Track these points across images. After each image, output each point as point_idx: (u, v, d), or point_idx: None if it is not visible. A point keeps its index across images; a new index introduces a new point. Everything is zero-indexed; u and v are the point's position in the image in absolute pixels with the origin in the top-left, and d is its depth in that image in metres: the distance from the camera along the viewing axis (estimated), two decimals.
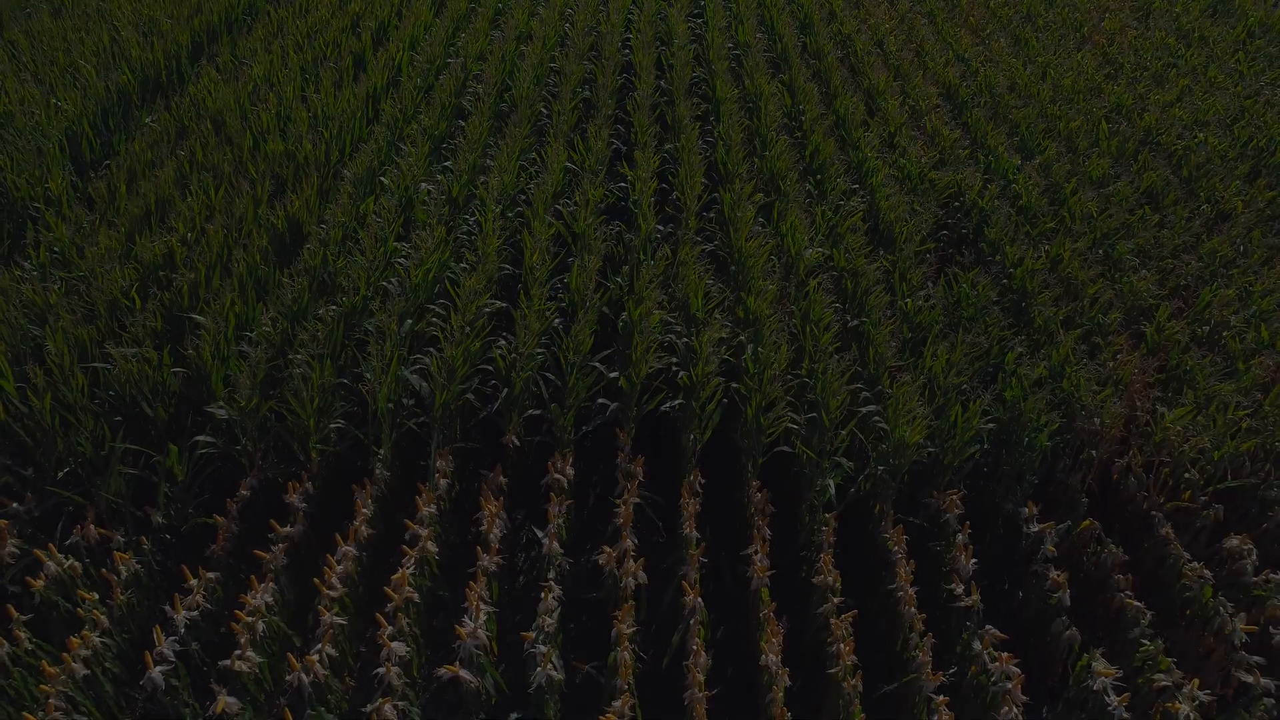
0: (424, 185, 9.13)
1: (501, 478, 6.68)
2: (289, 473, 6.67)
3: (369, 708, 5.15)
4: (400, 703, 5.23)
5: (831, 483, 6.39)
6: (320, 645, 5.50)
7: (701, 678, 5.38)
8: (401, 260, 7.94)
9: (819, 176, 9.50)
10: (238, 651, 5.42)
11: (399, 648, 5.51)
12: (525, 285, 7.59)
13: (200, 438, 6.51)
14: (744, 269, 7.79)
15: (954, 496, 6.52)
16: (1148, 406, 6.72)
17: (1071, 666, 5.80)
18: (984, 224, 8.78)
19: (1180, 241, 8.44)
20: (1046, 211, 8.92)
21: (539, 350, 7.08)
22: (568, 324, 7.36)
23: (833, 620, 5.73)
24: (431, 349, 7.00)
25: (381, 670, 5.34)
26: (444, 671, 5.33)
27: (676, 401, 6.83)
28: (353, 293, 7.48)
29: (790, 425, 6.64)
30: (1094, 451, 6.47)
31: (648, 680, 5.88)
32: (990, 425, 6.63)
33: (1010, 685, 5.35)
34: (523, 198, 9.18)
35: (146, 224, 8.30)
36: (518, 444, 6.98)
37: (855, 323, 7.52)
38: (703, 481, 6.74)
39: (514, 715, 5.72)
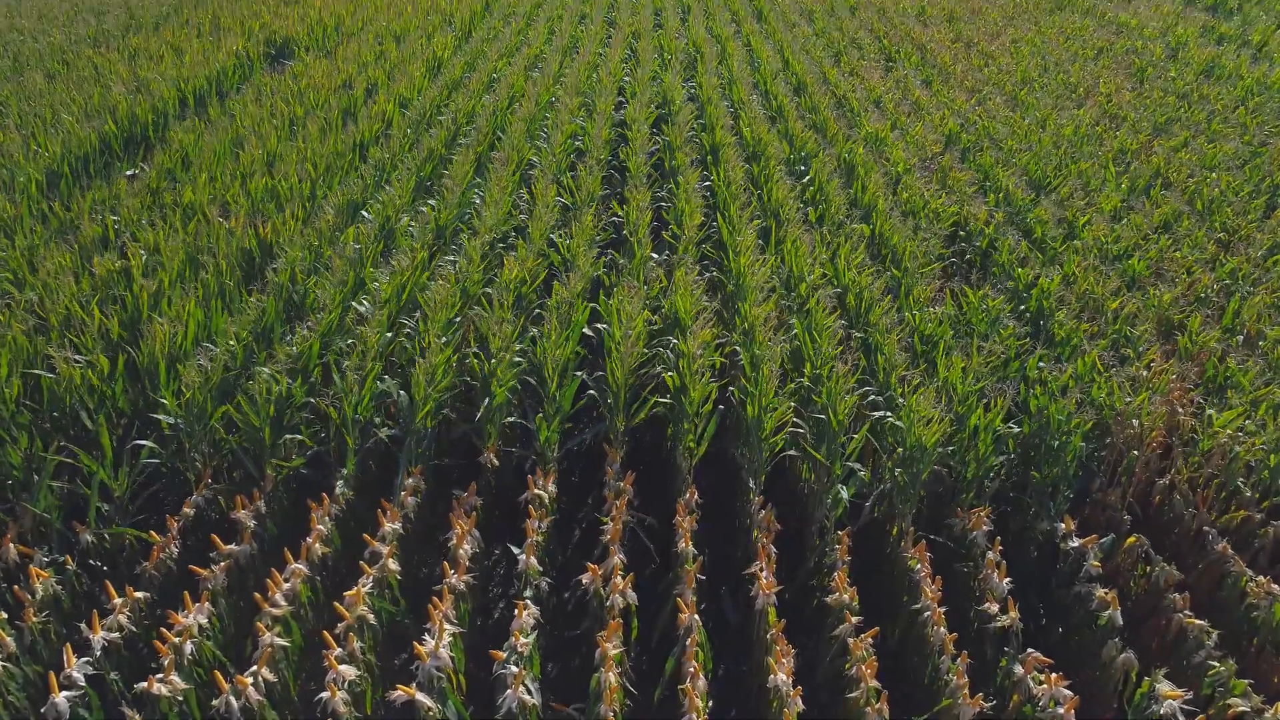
0: (404, 217, 8.74)
1: (476, 498, 6.00)
2: (242, 491, 6.00)
3: None
4: None
5: (845, 492, 5.71)
6: (256, 667, 4.73)
7: (700, 703, 4.60)
8: (375, 284, 7.47)
9: (820, 208, 9.12)
10: (159, 675, 4.65)
11: (348, 671, 4.74)
12: (499, 297, 7.07)
13: (142, 441, 5.86)
14: (741, 287, 7.30)
15: (981, 513, 5.84)
16: (1190, 412, 6.09)
17: (1127, 698, 5.02)
18: (992, 249, 8.34)
19: (1197, 258, 7.98)
20: (1058, 236, 8.50)
21: (518, 359, 6.50)
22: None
23: (851, 640, 4.98)
24: (418, 357, 6.41)
25: (325, 695, 4.56)
26: (399, 694, 4.55)
27: (665, 400, 6.22)
28: (325, 311, 6.96)
29: (795, 429, 6.01)
30: (1136, 452, 5.81)
31: None
32: (1016, 431, 6.00)
33: (1063, 711, 4.56)
34: (514, 234, 8.77)
35: (104, 247, 7.85)
36: (496, 463, 6.33)
37: (861, 334, 6.97)
38: (700, 501, 6.06)
39: None
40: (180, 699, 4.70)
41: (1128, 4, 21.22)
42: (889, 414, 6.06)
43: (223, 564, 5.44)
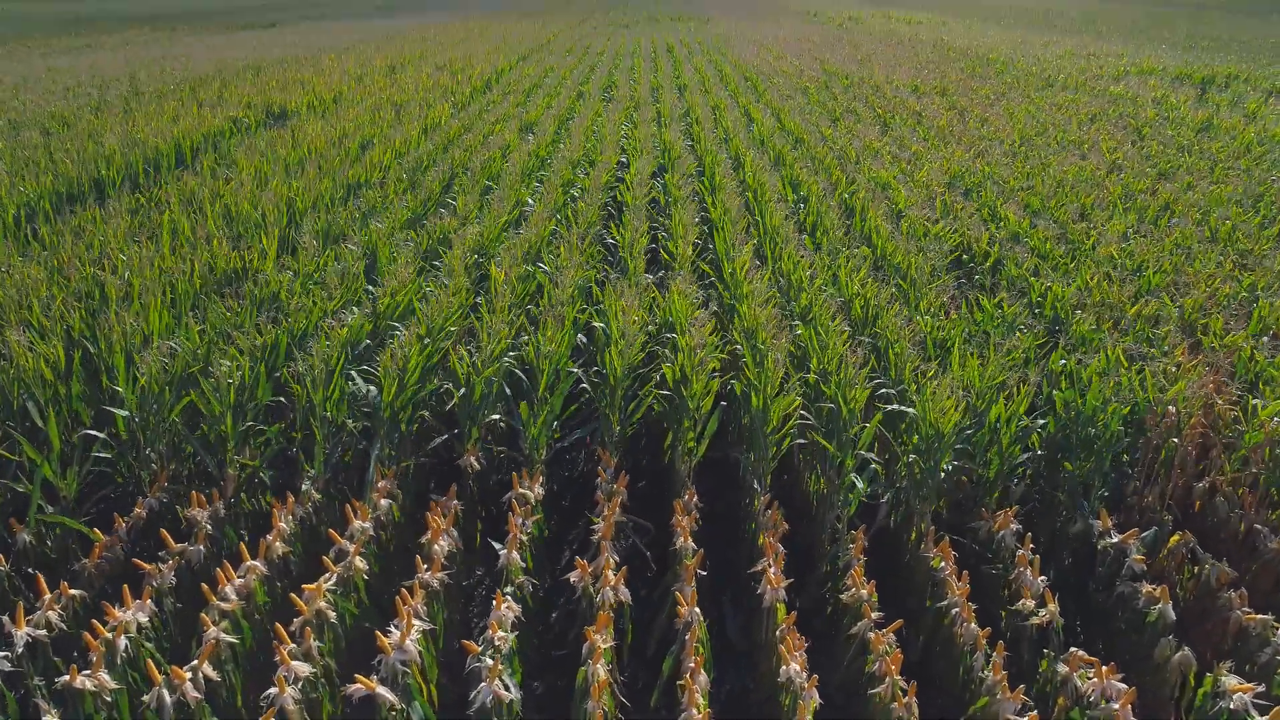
0: (390, 249, 8.46)
1: (455, 501, 5.50)
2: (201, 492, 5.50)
3: None
4: None
5: (859, 482, 5.22)
6: (197, 662, 4.16)
7: (702, 700, 4.01)
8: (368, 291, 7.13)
9: (820, 235, 8.86)
10: (86, 671, 4.08)
11: (300, 667, 4.17)
12: (490, 298, 6.70)
13: (93, 432, 5.40)
14: (738, 294, 6.95)
15: (1008, 512, 5.33)
16: (1230, 402, 5.64)
17: (1186, 706, 4.43)
18: (999, 266, 8.03)
19: (1214, 272, 7.66)
20: (1066, 253, 8.20)
21: (507, 356, 6.09)
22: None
23: (872, 635, 4.42)
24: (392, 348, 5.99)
25: (274, 691, 3.99)
26: (356, 687, 3.98)
27: (664, 392, 5.78)
28: (302, 313, 6.58)
29: (803, 420, 5.56)
30: (1175, 440, 5.33)
31: None
32: (1041, 424, 5.55)
33: (1118, 706, 3.97)
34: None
35: (82, 264, 7.53)
36: (477, 466, 5.84)
37: (869, 339, 6.57)
38: (699, 505, 5.56)
39: None
40: (109, 699, 4.11)
41: (1118, 81, 21.58)
42: (902, 407, 5.61)
43: (171, 562, 4.91)
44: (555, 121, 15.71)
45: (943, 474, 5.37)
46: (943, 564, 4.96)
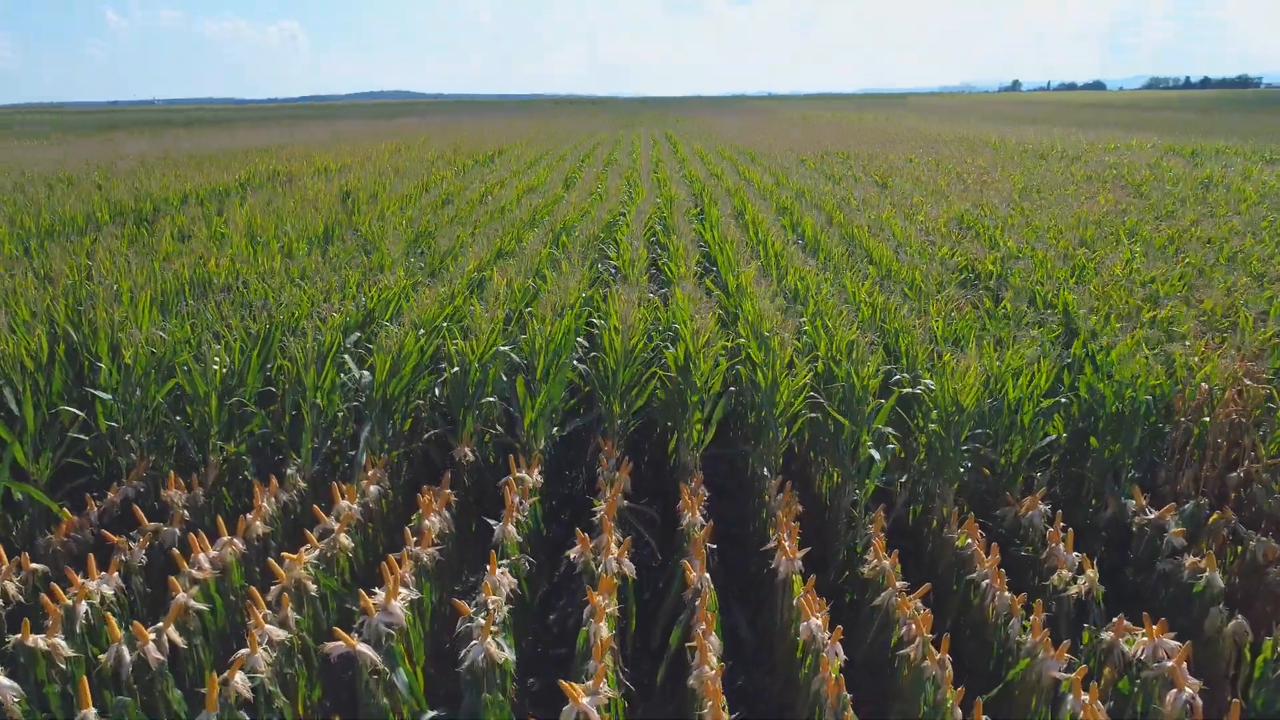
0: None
1: (449, 489, 5.19)
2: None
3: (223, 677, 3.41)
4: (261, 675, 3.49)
5: (875, 454, 4.93)
6: (162, 625, 3.81)
7: (714, 658, 3.65)
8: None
9: (822, 257, 8.75)
10: (41, 635, 3.73)
11: (275, 631, 3.82)
12: (489, 300, 6.52)
13: (69, 408, 5.13)
14: (743, 294, 6.77)
15: (1036, 495, 5.02)
16: (1264, 381, 5.39)
17: (1242, 685, 4.06)
18: (1005, 280, 7.89)
19: (1230, 284, 7.50)
20: (1072, 267, 8.07)
21: (505, 347, 5.87)
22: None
23: (897, 599, 4.07)
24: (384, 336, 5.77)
25: (244, 651, 3.63)
26: (336, 645, 3.62)
27: (668, 374, 5.52)
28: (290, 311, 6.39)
29: (812, 398, 5.30)
30: (1208, 417, 5.06)
31: None
32: (1064, 401, 5.29)
33: (1171, 664, 3.61)
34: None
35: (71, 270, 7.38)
36: (472, 456, 5.55)
37: (878, 337, 6.35)
38: (706, 495, 5.25)
39: (433, 713, 3.87)
40: (63, 665, 3.74)
41: (1110, 154, 21.93)
42: (917, 389, 5.36)
43: (143, 540, 4.59)
44: (558, 184, 15.85)
45: (964, 455, 5.08)
46: (969, 540, 4.63)
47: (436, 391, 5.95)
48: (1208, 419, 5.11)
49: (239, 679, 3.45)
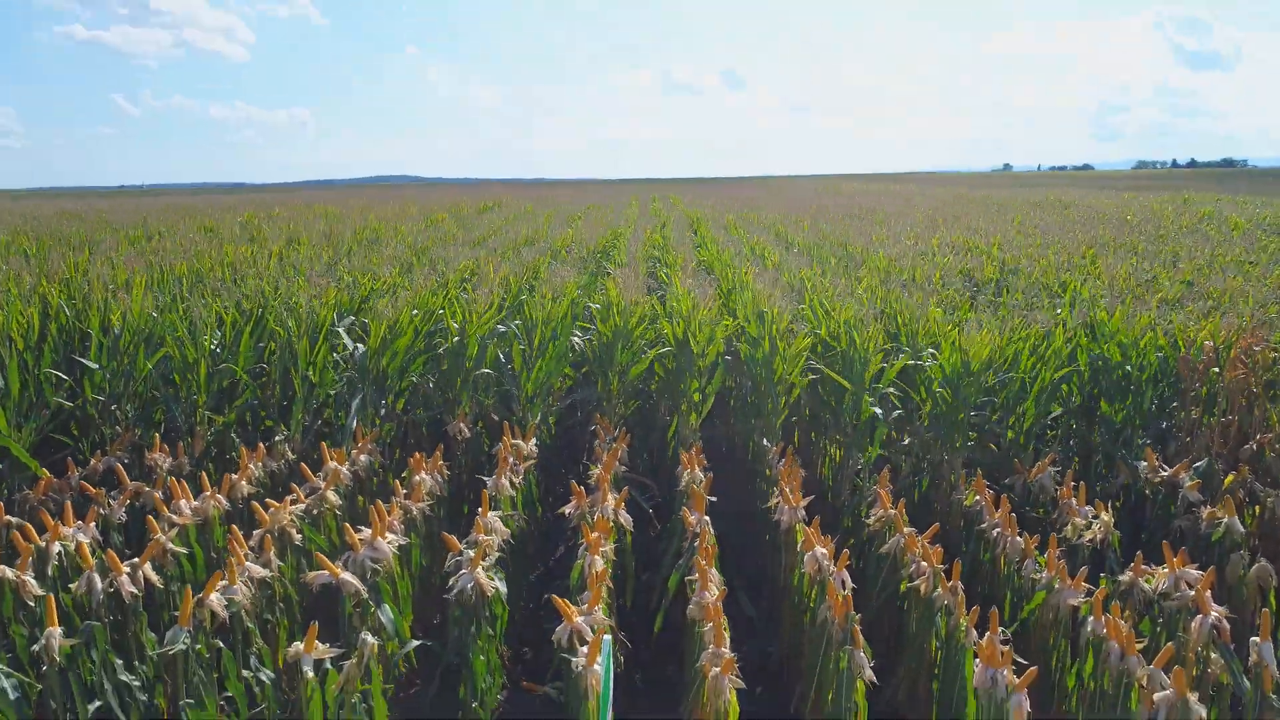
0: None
1: (442, 461, 5.04)
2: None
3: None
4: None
5: (878, 410, 4.81)
6: (139, 560, 3.65)
7: (714, 587, 3.48)
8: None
9: (821, 264, 8.73)
10: (11, 568, 3.56)
11: (255, 569, 3.66)
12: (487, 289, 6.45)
13: (54, 371, 5.01)
14: (740, 285, 6.72)
15: (1046, 460, 4.88)
16: (1271, 348, 5.29)
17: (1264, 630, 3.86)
18: (1004, 283, 7.85)
19: (1237, 276, 7.46)
20: (1072, 275, 8.04)
21: (501, 327, 5.78)
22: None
23: (905, 539, 3.91)
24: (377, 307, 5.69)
25: (224, 582, 3.46)
26: (320, 574, 3.46)
27: (668, 349, 5.42)
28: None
29: (812, 372, 5.19)
30: (1217, 369, 4.95)
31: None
32: (1071, 369, 5.19)
33: (1194, 592, 3.45)
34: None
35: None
36: (467, 433, 5.42)
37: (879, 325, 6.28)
38: (706, 465, 5.11)
39: (416, 641, 3.67)
40: (31, 603, 3.56)
41: (1104, 205, 22.18)
42: (921, 361, 5.26)
43: (123, 497, 4.43)
44: (556, 224, 15.96)
45: (971, 423, 4.97)
46: (977, 497, 4.48)
47: (431, 384, 5.85)
48: (1217, 382, 5.00)
49: (214, 599, 3.29)
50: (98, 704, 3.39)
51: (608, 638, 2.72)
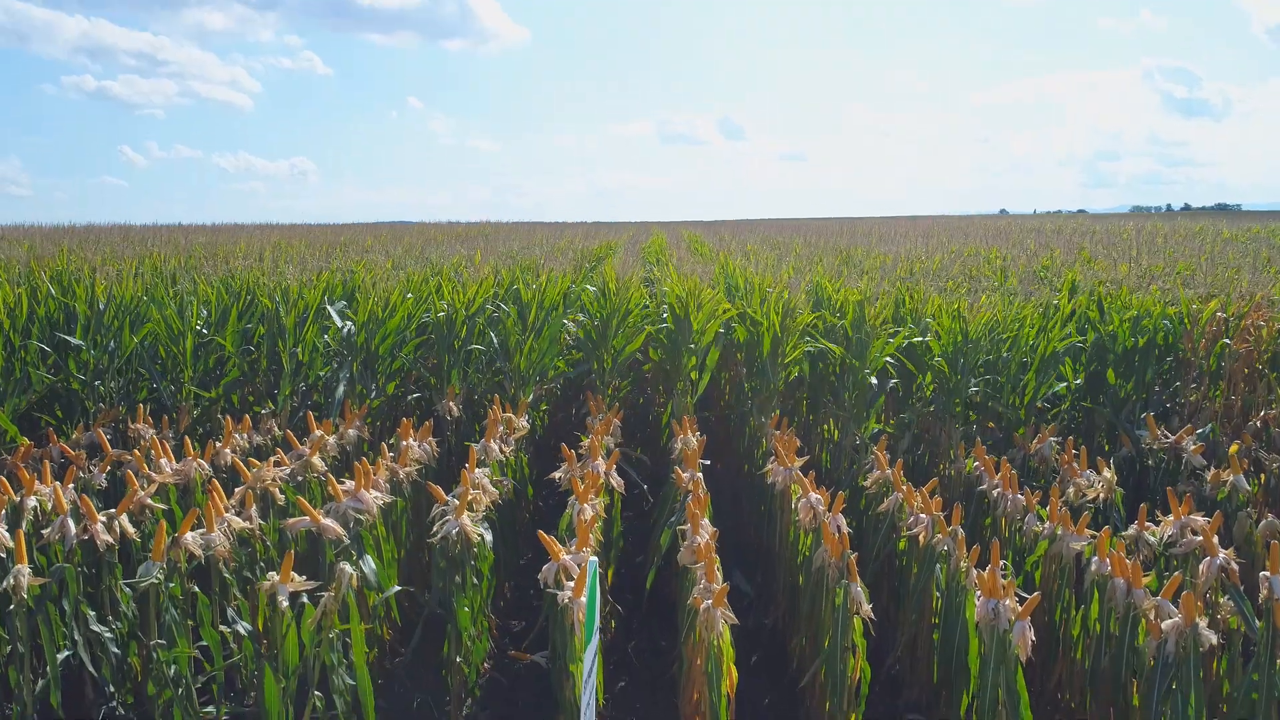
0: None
1: (431, 437, 4.95)
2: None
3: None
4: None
5: (874, 380, 4.73)
6: (116, 511, 3.55)
7: (705, 531, 3.38)
8: None
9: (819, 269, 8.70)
10: None
11: (235, 520, 3.56)
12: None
13: (37, 343, 4.94)
14: (733, 270, 6.68)
15: (1048, 429, 4.79)
16: (1274, 331, 5.23)
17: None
18: (1005, 270, 7.82)
19: (1235, 274, 7.41)
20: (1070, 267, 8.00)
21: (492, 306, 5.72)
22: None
23: (904, 494, 3.81)
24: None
25: (201, 529, 3.36)
26: (301, 520, 3.36)
27: (662, 326, 5.35)
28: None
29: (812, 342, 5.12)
30: (1227, 341, 4.87)
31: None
32: (1076, 341, 5.12)
33: (1200, 539, 3.35)
34: None
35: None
36: (457, 412, 5.33)
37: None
38: (701, 435, 5.02)
39: (397, 587, 3.55)
40: (3, 555, 3.46)
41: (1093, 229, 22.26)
42: (921, 338, 5.19)
43: (104, 463, 4.34)
44: (549, 247, 16.00)
45: (971, 390, 4.89)
46: (977, 464, 4.39)
47: (425, 370, 5.77)
48: (1222, 353, 4.93)
49: (190, 538, 3.18)
50: (67, 654, 3.28)
51: (593, 560, 2.62)
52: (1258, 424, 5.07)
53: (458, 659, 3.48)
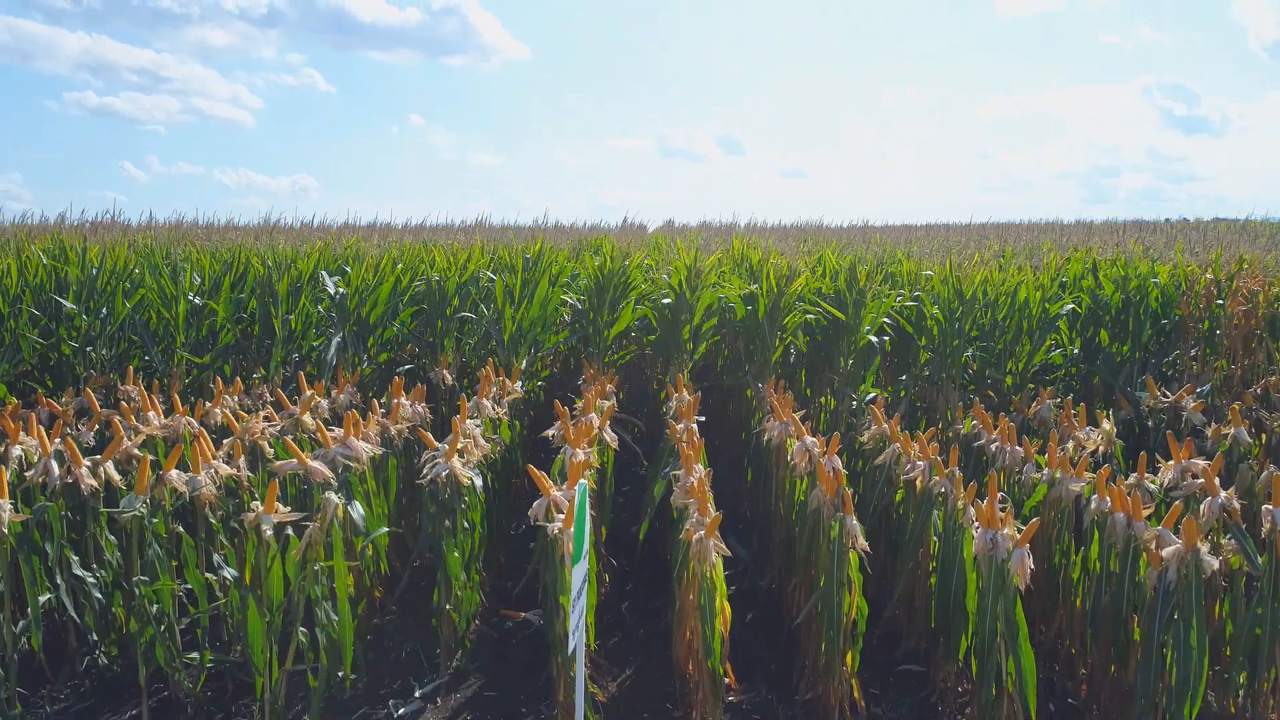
0: None
1: (424, 402, 4.90)
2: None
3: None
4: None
5: (874, 339, 4.69)
6: (101, 457, 3.50)
7: (699, 469, 3.33)
8: None
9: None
10: None
11: (222, 466, 3.51)
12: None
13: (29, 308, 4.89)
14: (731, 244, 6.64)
15: (1046, 391, 4.75)
16: (1271, 291, 5.19)
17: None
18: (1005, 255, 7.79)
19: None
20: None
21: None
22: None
23: (899, 445, 3.76)
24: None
25: (187, 475, 3.32)
26: (288, 462, 3.31)
27: (664, 302, 5.31)
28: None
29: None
30: (1225, 303, 4.83)
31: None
32: (1066, 300, 5.09)
33: (1201, 480, 3.30)
34: None
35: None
36: (450, 380, 5.28)
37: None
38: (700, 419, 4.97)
39: (385, 529, 3.50)
40: None
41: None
42: (917, 303, 5.16)
43: (93, 420, 4.29)
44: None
45: (968, 351, 4.84)
46: (975, 420, 4.34)
47: (419, 347, 5.73)
48: (1219, 315, 4.89)
49: (175, 474, 3.13)
50: (49, 596, 3.22)
51: (583, 483, 2.57)
52: (1259, 390, 5.04)
53: (447, 606, 3.42)
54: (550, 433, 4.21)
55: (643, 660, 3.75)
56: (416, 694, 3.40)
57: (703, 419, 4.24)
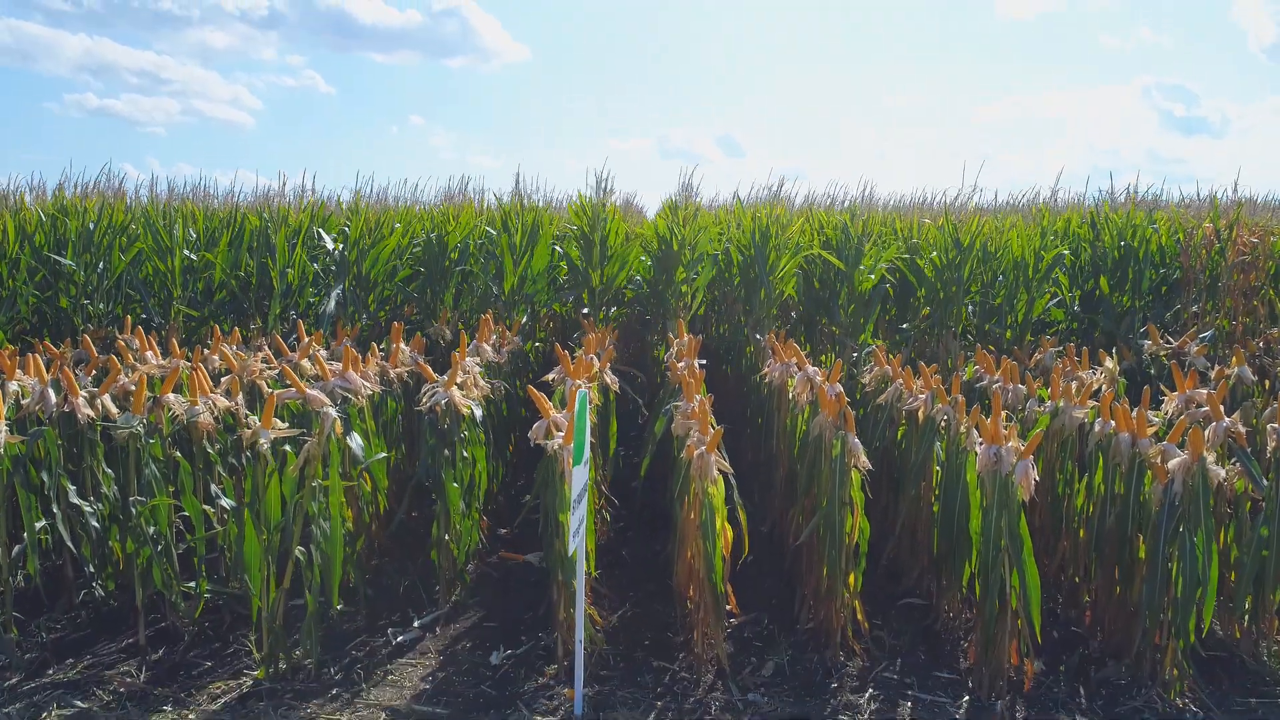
0: None
1: (422, 355, 4.88)
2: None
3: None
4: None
5: (873, 276, 4.67)
6: (98, 390, 3.48)
7: (699, 397, 3.31)
8: None
9: None
10: None
11: (220, 399, 3.48)
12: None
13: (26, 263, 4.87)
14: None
15: (1046, 342, 4.73)
16: (1269, 240, 5.17)
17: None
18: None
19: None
20: None
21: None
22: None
23: (901, 384, 3.74)
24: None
25: (185, 402, 3.29)
26: (287, 391, 3.28)
27: (664, 284, 5.29)
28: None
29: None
30: (1226, 261, 4.82)
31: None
32: (1062, 249, 5.07)
33: (1206, 406, 3.28)
34: None
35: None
36: (449, 336, 5.26)
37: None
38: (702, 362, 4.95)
39: (382, 454, 3.48)
40: None
41: None
42: (914, 256, 5.14)
43: (89, 367, 4.26)
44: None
45: (967, 301, 4.83)
46: (977, 366, 4.32)
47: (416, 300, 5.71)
48: (1219, 265, 4.87)
49: (172, 397, 3.11)
50: (44, 523, 3.20)
51: (584, 391, 2.55)
52: (1261, 343, 5.02)
53: (446, 537, 3.40)
54: (550, 376, 4.18)
55: (642, 597, 3.73)
56: (415, 624, 3.38)
57: (704, 362, 4.22)
